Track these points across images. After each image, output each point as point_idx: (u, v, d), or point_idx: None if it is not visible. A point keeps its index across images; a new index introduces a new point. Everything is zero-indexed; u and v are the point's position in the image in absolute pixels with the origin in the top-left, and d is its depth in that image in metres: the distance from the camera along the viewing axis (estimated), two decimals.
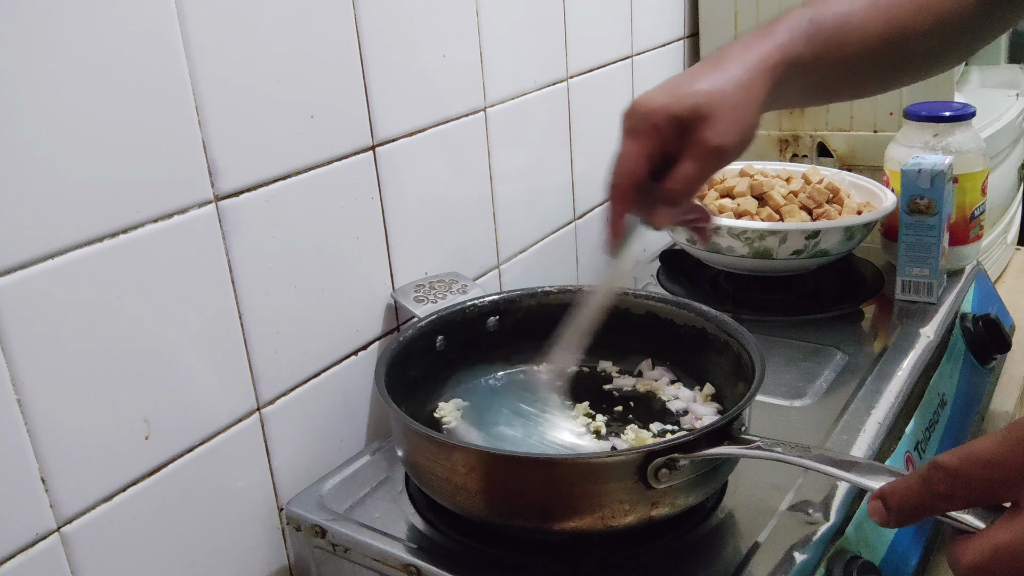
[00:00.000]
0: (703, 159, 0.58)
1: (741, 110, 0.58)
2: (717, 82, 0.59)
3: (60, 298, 0.55)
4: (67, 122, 0.54)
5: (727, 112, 0.58)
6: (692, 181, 0.59)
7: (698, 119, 0.58)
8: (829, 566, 0.60)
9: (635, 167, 0.60)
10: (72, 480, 0.57)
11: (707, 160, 0.58)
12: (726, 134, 0.58)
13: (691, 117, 0.58)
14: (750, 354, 0.66)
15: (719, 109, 0.58)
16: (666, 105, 0.59)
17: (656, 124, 0.59)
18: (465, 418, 0.73)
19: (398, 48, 0.77)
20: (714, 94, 0.59)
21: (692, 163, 0.58)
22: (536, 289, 0.81)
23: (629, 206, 0.61)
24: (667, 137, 0.59)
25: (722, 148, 0.58)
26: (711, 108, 0.58)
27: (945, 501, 0.44)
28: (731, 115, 0.58)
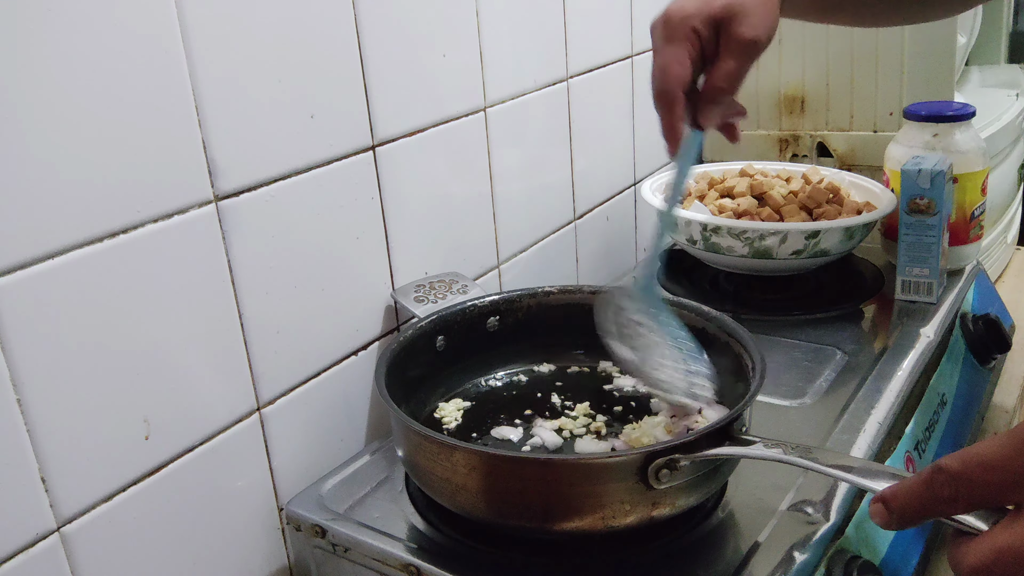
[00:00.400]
0: (740, 53, 0.62)
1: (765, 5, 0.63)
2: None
3: (60, 298, 0.55)
4: (67, 122, 0.53)
5: (756, 7, 0.62)
6: (733, 76, 0.63)
7: (731, 17, 0.62)
8: (829, 566, 0.60)
9: (683, 70, 0.63)
10: (72, 480, 0.57)
11: (744, 54, 0.62)
12: (758, 27, 0.62)
13: (725, 16, 0.62)
14: (751, 354, 0.66)
15: (748, 5, 0.62)
16: (701, 8, 0.62)
17: (695, 27, 0.63)
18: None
19: (398, 48, 0.77)
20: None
21: (731, 58, 0.62)
22: (537, 289, 0.81)
23: (682, 110, 0.64)
24: (705, 38, 0.63)
25: (756, 40, 0.62)
26: (739, 6, 0.62)
27: (948, 504, 0.44)
28: (760, 10, 0.62)
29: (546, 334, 0.80)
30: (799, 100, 1.24)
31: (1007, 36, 1.62)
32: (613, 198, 1.15)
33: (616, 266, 1.18)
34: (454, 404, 0.76)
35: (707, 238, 0.95)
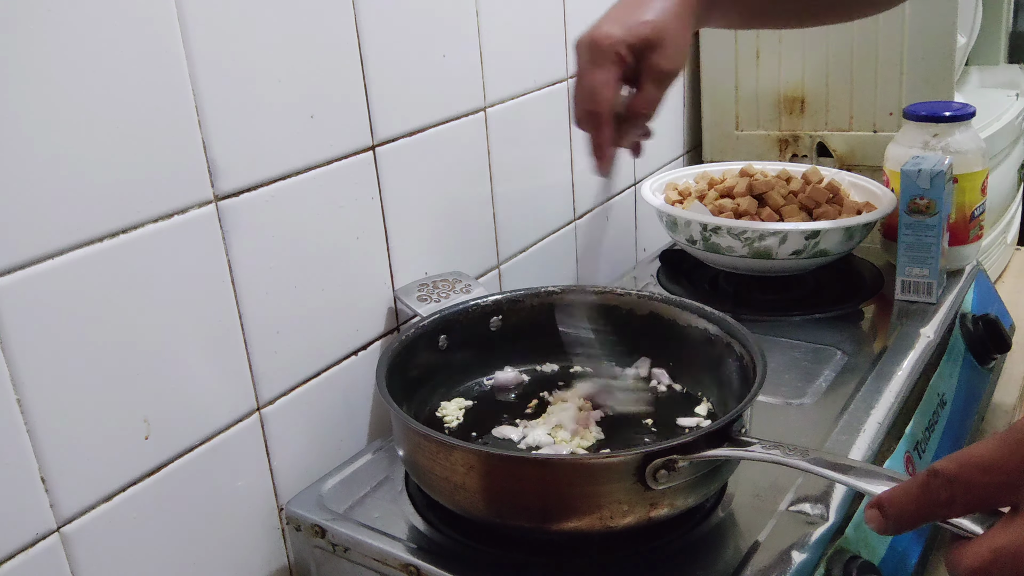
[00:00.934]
0: (659, 82, 0.66)
1: (681, 36, 0.66)
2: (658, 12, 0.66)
3: (60, 298, 0.55)
4: (67, 122, 0.54)
5: (672, 39, 0.66)
6: (654, 103, 0.66)
7: (650, 47, 0.65)
8: (829, 566, 0.60)
9: (611, 93, 0.65)
10: (72, 480, 0.57)
11: (663, 82, 0.66)
12: (675, 59, 0.66)
13: (647, 45, 0.65)
14: (752, 356, 0.66)
15: (667, 37, 0.65)
16: (624, 36, 0.65)
17: (619, 53, 0.65)
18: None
19: (398, 48, 0.77)
20: (659, 24, 0.66)
21: (652, 86, 0.66)
22: (539, 289, 0.81)
23: (611, 131, 0.67)
24: (628, 64, 0.66)
25: (674, 71, 0.66)
26: (660, 37, 0.65)
27: (944, 508, 0.43)
28: (676, 41, 0.66)
29: (549, 334, 0.80)
30: (799, 100, 1.24)
31: (1007, 36, 1.62)
32: (613, 198, 1.15)
33: (616, 266, 1.18)
34: (456, 403, 0.76)
35: (707, 238, 0.95)
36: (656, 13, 0.66)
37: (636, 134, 0.71)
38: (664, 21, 0.66)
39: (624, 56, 0.65)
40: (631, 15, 0.66)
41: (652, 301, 0.78)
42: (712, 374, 0.75)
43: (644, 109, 0.66)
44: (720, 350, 0.72)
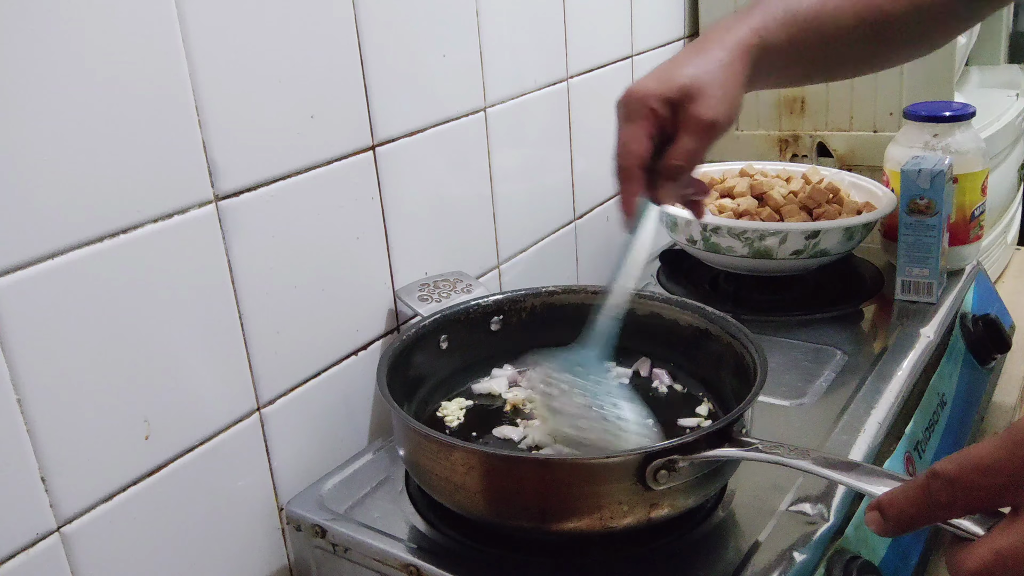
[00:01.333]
0: (698, 133, 0.63)
1: (726, 86, 0.64)
2: (702, 64, 0.64)
3: (60, 298, 0.55)
4: (67, 122, 0.54)
5: (714, 89, 0.63)
6: (692, 155, 0.64)
7: (688, 98, 0.63)
8: (829, 566, 0.60)
9: (640, 148, 0.64)
10: (72, 480, 0.57)
11: (702, 134, 0.63)
12: (716, 108, 0.63)
13: (682, 97, 0.63)
14: (753, 356, 0.66)
15: (707, 87, 0.63)
16: (658, 89, 0.64)
17: (652, 107, 0.64)
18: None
19: (398, 48, 0.77)
20: (700, 75, 0.64)
21: (689, 138, 0.63)
22: (540, 289, 0.81)
23: (640, 185, 0.65)
24: (663, 117, 0.64)
25: (714, 121, 0.63)
26: (699, 87, 0.63)
27: (945, 509, 0.43)
28: (718, 91, 0.63)
29: (550, 334, 0.80)
30: (799, 100, 1.24)
31: (1007, 36, 1.62)
32: (613, 198, 1.15)
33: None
34: (456, 403, 0.76)
35: (707, 238, 0.95)
36: (699, 65, 0.64)
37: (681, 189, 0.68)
38: (707, 72, 0.64)
39: (656, 109, 0.63)
40: (674, 68, 0.65)
41: (653, 301, 0.78)
42: (713, 374, 0.75)
43: (676, 160, 0.64)
44: (721, 350, 0.72)
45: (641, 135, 0.64)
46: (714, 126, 0.63)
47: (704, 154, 0.65)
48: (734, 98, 0.64)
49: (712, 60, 0.65)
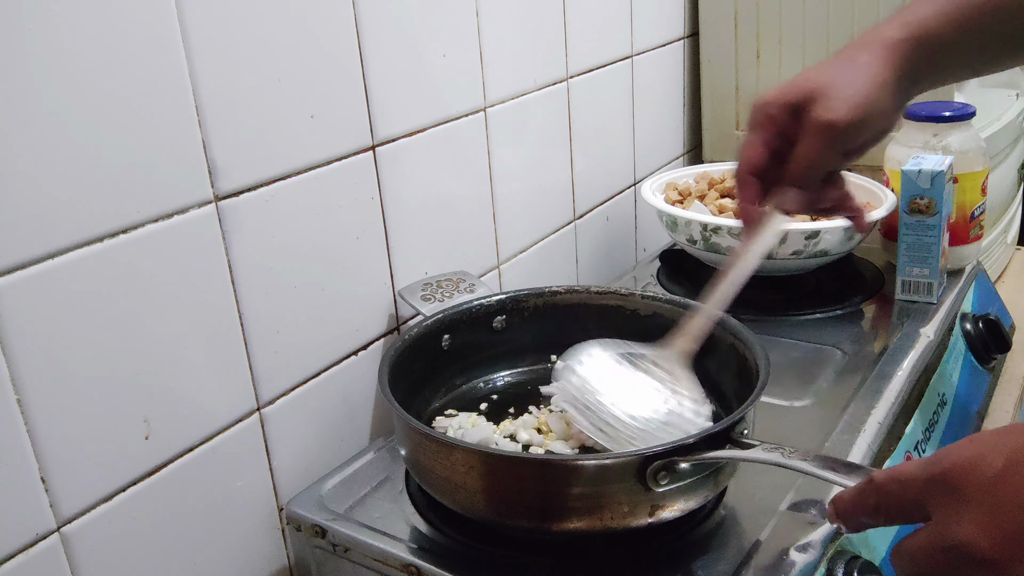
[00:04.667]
0: (817, 136, 0.60)
1: (853, 86, 0.59)
2: (833, 66, 0.61)
3: (60, 298, 0.55)
4: (67, 122, 0.53)
5: (837, 89, 0.59)
6: (810, 159, 0.60)
7: (809, 101, 0.60)
8: (829, 566, 0.60)
9: (754, 155, 0.63)
10: (72, 480, 0.57)
11: (821, 137, 0.60)
12: (836, 109, 0.59)
13: (803, 100, 0.60)
14: (755, 357, 0.66)
15: (830, 88, 0.60)
16: (780, 94, 0.62)
17: (770, 113, 0.62)
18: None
19: (398, 48, 0.77)
20: (825, 77, 0.61)
21: (807, 142, 0.60)
22: (543, 289, 0.81)
23: (754, 193, 0.63)
24: (783, 123, 0.62)
25: (832, 123, 0.59)
26: (822, 89, 0.60)
27: (874, 512, 0.48)
28: (841, 92, 0.59)
29: (552, 333, 0.80)
30: None
31: None
32: (613, 198, 1.15)
33: (616, 266, 1.18)
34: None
35: (707, 238, 0.95)
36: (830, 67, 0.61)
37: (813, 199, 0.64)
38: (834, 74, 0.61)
39: (774, 115, 0.62)
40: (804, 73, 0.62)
41: (656, 302, 0.78)
42: (715, 375, 0.75)
43: (794, 165, 0.61)
44: (723, 351, 0.72)
45: (757, 142, 0.63)
46: (831, 127, 0.59)
47: (827, 159, 0.61)
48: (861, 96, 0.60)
49: (845, 61, 0.61)
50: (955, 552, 0.43)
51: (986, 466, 0.43)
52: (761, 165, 0.63)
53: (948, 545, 0.43)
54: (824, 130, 0.59)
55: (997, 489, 0.42)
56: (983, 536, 0.42)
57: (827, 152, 0.60)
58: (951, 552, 0.43)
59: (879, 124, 0.61)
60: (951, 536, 0.43)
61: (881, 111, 0.60)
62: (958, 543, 0.43)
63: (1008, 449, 0.43)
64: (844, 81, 0.60)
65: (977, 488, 0.43)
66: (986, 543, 0.42)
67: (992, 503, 0.42)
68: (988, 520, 0.42)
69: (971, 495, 0.43)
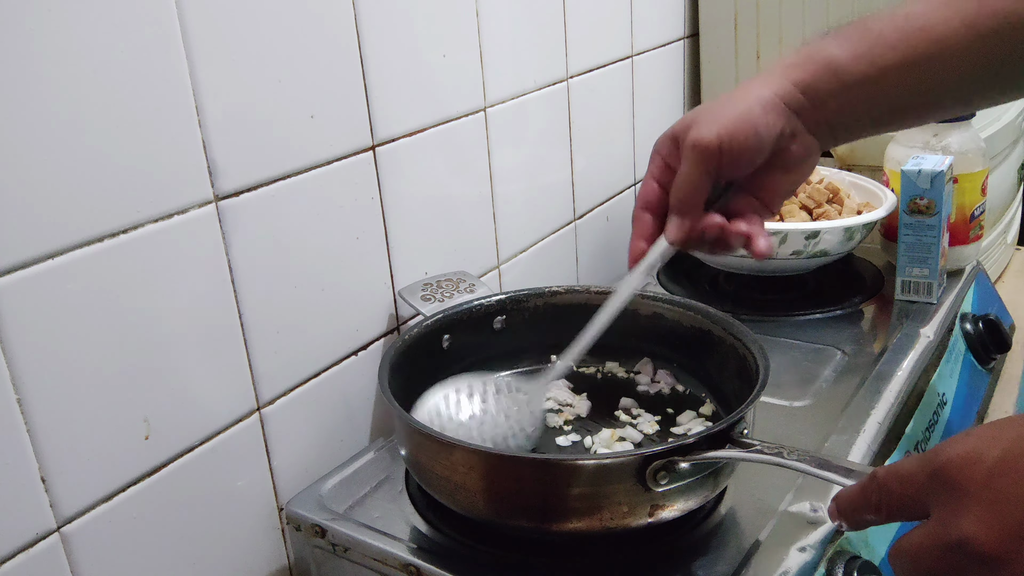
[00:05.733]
0: (688, 159, 0.59)
1: (726, 109, 0.59)
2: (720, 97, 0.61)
3: (60, 298, 0.55)
4: (67, 122, 0.53)
5: (711, 113, 0.59)
6: (684, 184, 0.60)
7: (685, 130, 0.60)
8: (829, 566, 0.60)
9: (646, 191, 0.63)
10: (72, 480, 0.57)
11: (692, 159, 0.59)
12: (705, 132, 0.58)
13: (680, 130, 0.61)
14: (755, 357, 0.66)
15: (705, 113, 0.60)
16: (666, 131, 0.63)
17: (658, 149, 0.63)
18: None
19: (398, 48, 0.77)
20: (708, 105, 0.61)
21: (683, 166, 0.60)
22: (543, 289, 0.81)
23: (646, 229, 0.63)
24: (667, 156, 0.62)
25: (698, 142, 0.58)
26: (698, 116, 0.60)
27: (875, 510, 0.48)
28: (714, 115, 0.59)
29: (552, 334, 0.80)
30: None
31: None
32: (613, 198, 1.15)
33: (616, 266, 1.18)
34: None
35: None
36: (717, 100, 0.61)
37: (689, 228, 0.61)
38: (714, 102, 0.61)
39: (660, 150, 0.63)
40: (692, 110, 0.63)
41: (656, 302, 0.78)
42: (715, 375, 0.75)
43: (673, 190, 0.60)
44: (723, 351, 0.72)
45: (648, 178, 0.63)
46: (698, 147, 0.58)
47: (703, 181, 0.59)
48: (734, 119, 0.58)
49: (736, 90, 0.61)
50: (955, 548, 0.43)
51: (982, 460, 0.43)
52: (654, 200, 0.63)
53: (948, 541, 0.43)
54: (693, 151, 0.59)
55: (995, 483, 0.42)
56: (983, 531, 0.42)
57: (700, 174, 0.59)
58: (951, 548, 0.43)
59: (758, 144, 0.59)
60: (951, 532, 0.43)
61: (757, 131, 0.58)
62: (958, 539, 0.42)
63: (1005, 442, 0.43)
64: (719, 106, 0.60)
65: (974, 483, 0.43)
66: (986, 538, 0.41)
67: (991, 498, 0.42)
68: (987, 515, 0.42)
69: (969, 490, 0.43)
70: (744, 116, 0.59)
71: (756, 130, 0.59)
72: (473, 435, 0.65)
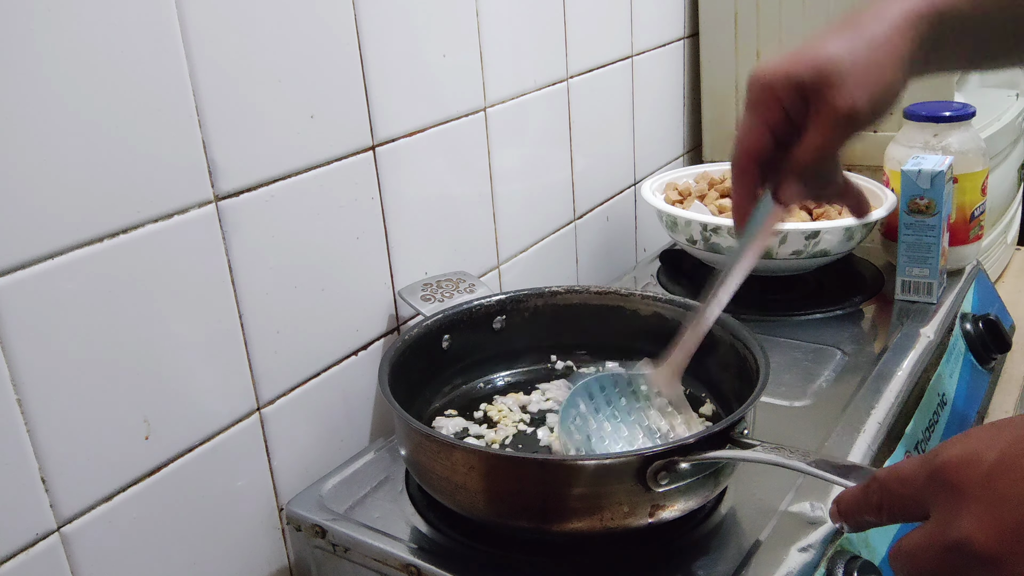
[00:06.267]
0: (831, 126, 0.53)
1: (875, 69, 0.52)
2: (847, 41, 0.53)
3: (60, 298, 0.55)
4: (67, 122, 0.53)
5: (857, 72, 0.52)
6: (820, 151, 0.54)
7: (823, 83, 0.53)
8: (829, 566, 0.60)
9: (755, 142, 0.56)
10: (72, 480, 0.57)
11: (835, 127, 0.53)
12: (855, 97, 0.52)
13: (816, 81, 0.53)
14: (755, 357, 0.66)
15: (848, 69, 0.52)
16: (787, 71, 0.54)
17: (776, 94, 0.54)
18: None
19: (398, 48, 0.77)
20: (842, 54, 0.53)
21: (819, 131, 0.53)
22: (543, 289, 0.81)
23: (751, 184, 0.57)
24: (791, 106, 0.54)
25: (853, 112, 0.52)
26: (838, 69, 0.52)
27: (875, 512, 0.48)
28: (862, 75, 0.52)
29: (552, 334, 0.80)
30: None
31: None
32: (613, 198, 1.15)
33: (616, 266, 1.18)
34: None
35: (707, 238, 0.95)
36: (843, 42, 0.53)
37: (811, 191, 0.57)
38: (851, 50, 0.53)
39: (780, 96, 0.54)
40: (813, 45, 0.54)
41: (656, 302, 0.78)
42: (715, 375, 0.75)
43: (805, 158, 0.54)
44: (723, 351, 0.72)
45: (759, 126, 0.55)
46: (851, 117, 0.52)
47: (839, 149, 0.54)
48: (884, 83, 0.52)
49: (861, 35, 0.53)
50: (954, 549, 0.42)
51: (980, 461, 0.43)
52: (764, 152, 0.56)
53: (947, 542, 0.43)
54: (842, 119, 0.52)
55: (993, 484, 0.42)
56: (982, 532, 0.41)
57: (840, 141, 0.54)
58: (950, 549, 0.43)
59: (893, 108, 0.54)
60: (950, 533, 0.43)
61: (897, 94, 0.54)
62: (957, 540, 0.42)
63: (1003, 443, 0.43)
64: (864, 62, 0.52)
65: (973, 484, 0.43)
66: (985, 539, 0.41)
67: (990, 499, 0.42)
68: (986, 516, 0.42)
69: (968, 491, 0.43)
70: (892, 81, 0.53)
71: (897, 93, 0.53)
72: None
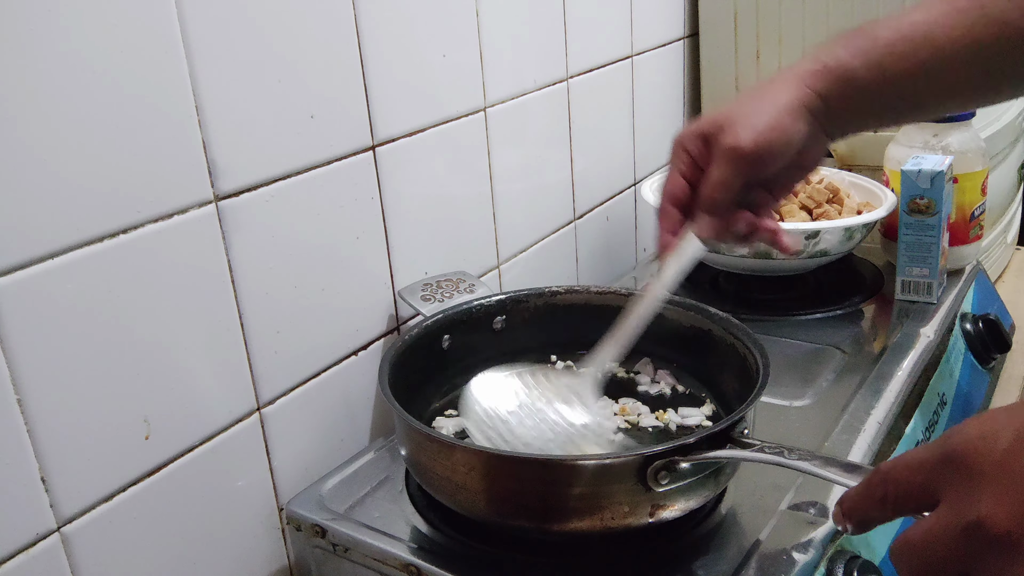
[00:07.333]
0: (723, 162, 0.62)
1: (759, 115, 0.62)
2: (743, 98, 0.64)
3: (60, 298, 0.55)
4: (67, 122, 0.53)
5: (743, 118, 0.62)
6: (719, 186, 0.62)
7: (717, 129, 0.62)
8: (829, 566, 0.60)
9: (672, 187, 0.65)
10: (72, 480, 0.57)
11: (727, 163, 0.61)
12: (739, 136, 0.61)
13: (712, 129, 0.63)
14: (756, 358, 0.66)
15: (736, 117, 0.62)
16: (693, 127, 0.64)
17: (684, 144, 0.64)
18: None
19: (398, 48, 0.77)
20: (735, 107, 0.63)
21: (715, 168, 0.62)
22: (543, 289, 0.81)
23: (673, 223, 0.65)
24: (697, 154, 0.64)
25: (737, 147, 0.61)
26: (729, 118, 0.62)
27: (880, 505, 0.47)
28: (747, 120, 0.61)
29: (552, 334, 0.80)
30: None
31: None
32: (613, 198, 1.15)
33: (616, 266, 1.18)
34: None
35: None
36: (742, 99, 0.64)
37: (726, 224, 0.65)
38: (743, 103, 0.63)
39: (688, 147, 0.64)
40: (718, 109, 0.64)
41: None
42: (715, 375, 0.75)
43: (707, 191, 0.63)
44: (723, 351, 0.72)
45: (675, 174, 0.65)
46: (735, 152, 0.61)
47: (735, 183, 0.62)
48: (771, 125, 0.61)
49: (755, 92, 0.64)
50: (969, 531, 0.41)
51: (997, 441, 0.42)
52: (680, 195, 0.65)
53: (962, 525, 0.42)
54: (729, 155, 0.61)
55: (1010, 464, 0.41)
56: (1000, 512, 0.40)
57: (734, 177, 0.62)
58: (965, 532, 0.42)
59: (788, 150, 0.62)
60: (966, 514, 0.42)
61: (789, 138, 0.62)
62: (974, 521, 0.41)
63: (1019, 423, 0.42)
64: (751, 110, 0.62)
65: (990, 464, 0.42)
66: (1003, 521, 0.40)
67: (1008, 479, 0.41)
68: (1004, 496, 0.41)
69: (984, 471, 0.42)
70: (776, 123, 0.62)
71: (788, 137, 0.62)
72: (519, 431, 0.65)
